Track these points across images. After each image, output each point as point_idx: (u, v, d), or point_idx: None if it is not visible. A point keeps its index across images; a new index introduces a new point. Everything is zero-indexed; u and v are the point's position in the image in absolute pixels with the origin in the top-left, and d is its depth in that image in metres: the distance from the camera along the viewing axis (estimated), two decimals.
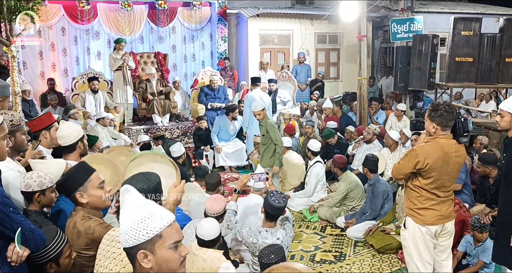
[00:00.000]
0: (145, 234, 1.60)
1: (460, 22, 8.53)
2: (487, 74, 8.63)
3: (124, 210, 1.67)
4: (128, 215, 1.63)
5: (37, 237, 2.38)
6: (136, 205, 1.66)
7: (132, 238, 1.60)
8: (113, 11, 11.10)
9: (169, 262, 1.65)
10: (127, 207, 1.66)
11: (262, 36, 12.29)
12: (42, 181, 2.78)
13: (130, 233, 1.60)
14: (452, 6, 13.66)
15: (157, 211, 1.65)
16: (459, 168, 3.54)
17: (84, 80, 9.80)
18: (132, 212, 1.63)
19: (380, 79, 13.05)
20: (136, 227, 1.60)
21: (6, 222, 2.26)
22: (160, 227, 1.62)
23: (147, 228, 1.60)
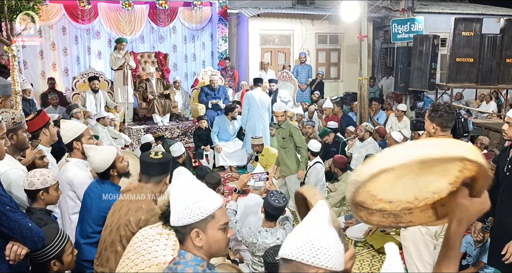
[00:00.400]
0: (200, 214, 1.70)
1: (460, 22, 8.53)
2: (487, 75, 8.63)
3: (177, 191, 1.75)
4: (183, 196, 1.72)
5: (35, 235, 2.37)
6: (189, 186, 1.75)
7: (186, 217, 1.70)
8: (113, 10, 11.11)
9: (218, 241, 1.76)
10: (180, 188, 1.75)
11: (262, 36, 12.29)
12: (46, 179, 2.80)
13: (185, 212, 1.69)
14: (453, 6, 13.65)
15: (210, 193, 1.77)
16: None
17: (85, 80, 9.80)
18: (187, 193, 1.72)
19: (381, 79, 13.05)
20: (191, 206, 1.69)
21: (3, 220, 2.26)
22: (213, 208, 1.73)
23: (202, 208, 1.70)
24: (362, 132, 7.44)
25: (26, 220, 2.38)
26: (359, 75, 9.73)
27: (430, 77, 8.96)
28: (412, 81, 9.27)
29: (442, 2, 14.53)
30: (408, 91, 9.64)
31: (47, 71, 10.89)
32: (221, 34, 12.08)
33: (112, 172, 3.08)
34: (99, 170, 3.07)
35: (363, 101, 9.70)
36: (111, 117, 8.58)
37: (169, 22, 11.67)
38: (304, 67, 11.97)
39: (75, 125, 3.56)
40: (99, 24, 11.19)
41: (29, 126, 3.69)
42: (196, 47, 12.27)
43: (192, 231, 1.72)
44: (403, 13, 10.00)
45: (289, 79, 11.41)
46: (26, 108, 7.90)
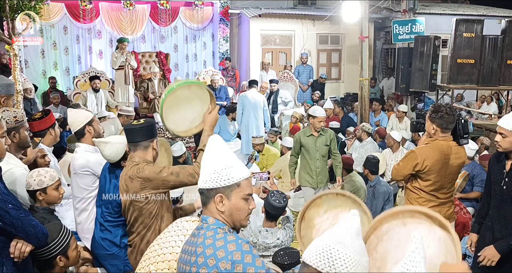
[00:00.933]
0: (227, 180, 1.75)
1: (462, 23, 8.53)
2: (488, 76, 8.62)
3: (209, 154, 1.81)
4: (213, 160, 1.78)
5: (38, 232, 2.39)
6: (220, 152, 1.80)
7: (214, 181, 1.75)
8: (115, 10, 11.12)
9: (240, 210, 1.81)
10: (212, 153, 1.81)
11: (263, 37, 12.30)
12: (42, 179, 2.79)
13: (213, 175, 1.75)
14: (454, 7, 13.66)
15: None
16: (459, 169, 3.53)
17: (86, 79, 9.81)
18: (217, 157, 1.78)
19: (382, 80, 13.05)
20: (220, 171, 1.75)
21: (6, 218, 2.27)
22: (240, 177, 1.78)
23: (229, 174, 1.76)
24: (360, 132, 7.45)
25: (29, 218, 2.39)
26: (360, 76, 9.72)
27: (431, 78, 8.97)
28: (413, 82, 9.28)
29: (443, 3, 14.55)
30: (409, 92, 9.65)
31: (48, 71, 10.91)
32: (222, 34, 12.09)
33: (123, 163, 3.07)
34: (112, 160, 3.08)
35: (364, 102, 9.69)
36: (112, 117, 8.58)
37: (171, 22, 11.68)
38: (305, 68, 11.97)
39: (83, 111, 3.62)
40: (101, 24, 11.21)
41: (37, 125, 3.72)
42: (197, 47, 12.28)
43: (217, 195, 1.76)
44: (404, 14, 10.01)
45: (290, 80, 11.42)
46: (28, 107, 7.92)
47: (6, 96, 3.40)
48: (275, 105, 9.98)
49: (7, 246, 2.36)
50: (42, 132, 3.75)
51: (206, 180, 1.77)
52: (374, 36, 12.76)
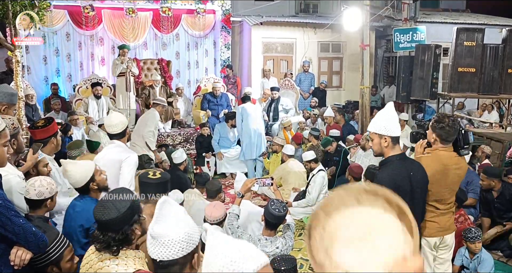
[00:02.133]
0: (198, 237, 1.74)
1: (462, 32, 8.55)
2: (489, 84, 8.63)
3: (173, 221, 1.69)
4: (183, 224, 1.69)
5: (39, 240, 2.39)
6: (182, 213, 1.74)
7: (191, 244, 1.70)
8: (117, 17, 11.18)
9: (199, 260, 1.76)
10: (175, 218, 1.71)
11: (265, 44, 12.34)
12: (52, 187, 2.85)
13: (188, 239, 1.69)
14: (455, 16, 13.71)
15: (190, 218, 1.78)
16: (459, 180, 3.52)
17: (88, 86, 9.84)
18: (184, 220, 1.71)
19: (383, 88, 13.07)
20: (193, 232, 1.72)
21: (8, 225, 2.27)
22: (200, 229, 1.84)
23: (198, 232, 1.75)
24: (364, 141, 7.42)
25: (30, 225, 2.39)
26: (361, 84, 9.74)
27: (432, 87, 8.97)
28: (414, 90, 9.28)
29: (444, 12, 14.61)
30: (410, 100, 9.64)
31: (50, 77, 10.95)
32: (224, 42, 12.14)
33: (92, 185, 3.06)
34: (78, 184, 3.06)
35: (365, 110, 9.70)
36: None
37: (173, 29, 11.73)
38: (307, 76, 12.00)
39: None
40: (103, 31, 11.26)
41: (39, 133, 3.73)
42: (199, 54, 12.32)
43: (195, 256, 1.73)
44: (405, 23, 10.02)
45: (291, 87, 11.45)
46: (29, 113, 7.94)
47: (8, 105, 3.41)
48: (276, 113, 10.00)
49: (6, 254, 2.36)
50: (45, 141, 3.76)
51: (182, 247, 1.68)
52: (375, 44, 12.78)
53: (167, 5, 11.32)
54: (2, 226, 2.26)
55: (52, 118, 4.01)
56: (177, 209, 1.73)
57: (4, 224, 2.26)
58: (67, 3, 10.63)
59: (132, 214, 2.21)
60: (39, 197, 2.78)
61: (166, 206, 1.71)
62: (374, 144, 3.11)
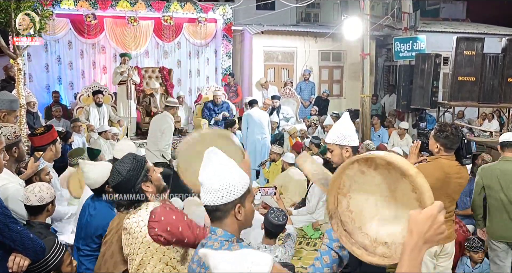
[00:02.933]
0: (241, 189, 1.76)
1: (462, 41, 8.60)
2: (489, 93, 8.65)
3: (216, 169, 1.76)
4: (222, 173, 1.75)
5: (37, 246, 2.39)
6: (227, 164, 1.78)
7: (231, 194, 1.74)
8: (119, 26, 11.25)
9: (252, 214, 1.87)
10: (219, 167, 1.77)
11: (266, 53, 12.39)
12: (51, 191, 2.85)
13: (229, 189, 1.73)
14: (455, 26, 13.76)
15: (241, 170, 1.82)
16: (461, 189, 3.51)
17: (89, 94, 9.87)
18: (225, 169, 1.76)
19: (383, 97, 13.10)
20: (234, 183, 1.74)
21: (6, 232, 2.27)
22: (248, 182, 1.81)
23: (243, 183, 1.77)
24: (363, 150, 7.43)
25: (27, 231, 2.39)
26: (361, 93, 9.77)
27: (432, 96, 9.00)
28: (414, 99, 9.31)
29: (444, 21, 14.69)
30: (410, 109, 9.67)
31: (52, 85, 11.00)
32: (225, 50, 12.19)
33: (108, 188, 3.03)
34: (95, 185, 3.04)
35: (365, 118, 9.72)
36: (113, 132, 8.61)
37: (174, 37, 11.80)
38: (307, 84, 12.03)
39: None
40: (105, 39, 11.34)
41: (38, 140, 3.74)
42: (201, 62, 12.38)
43: (236, 207, 1.76)
44: (405, 32, 10.08)
45: (291, 96, 11.48)
46: (30, 121, 7.95)
47: (7, 111, 3.41)
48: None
49: (4, 260, 2.36)
50: (43, 148, 3.76)
51: (222, 195, 1.74)
52: (376, 53, 12.82)
53: (168, 14, 11.39)
54: (0, 232, 2.26)
55: (51, 126, 4.02)
56: (223, 159, 1.80)
57: (2, 231, 2.26)
58: (70, 12, 10.71)
59: (135, 174, 2.28)
60: (41, 202, 2.78)
61: (212, 155, 1.80)
62: (334, 155, 3.06)
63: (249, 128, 8.26)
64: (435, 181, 3.30)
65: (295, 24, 14.11)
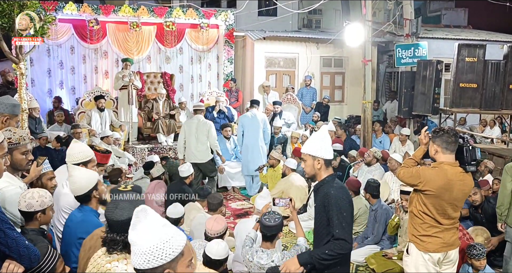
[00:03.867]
0: (172, 253, 1.64)
1: (464, 48, 8.61)
2: (491, 100, 8.66)
3: (143, 230, 1.65)
4: (151, 235, 1.63)
5: (31, 253, 2.38)
6: (156, 225, 1.66)
7: (158, 258, 1.62)
8: (121, 31, 11.29)
9: None
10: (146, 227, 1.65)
11: (268, 59, 12.42)
12: (44, 200, 2.78)
13: (155, 253, 1.62)
14: (456, 32, 13.80)
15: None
16: (464, 197, 3.47)
17: (91, 99, 9.89)
18: (155, 232, 1.64)
19: (385, 103, 13.10)
20: (162, 246, 1.63)
21: (2, 238, 2.26)
22: (182, 244, 1.68)
23: (173, 246, 1.64)
24: (370, 157, 7.37)
25: (23, 238, 2.38)
26: (363, 99, 9.78)
27: (434, 102, 8.99)
28: (416, 105, 9.31)
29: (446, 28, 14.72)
30: (411, 115, 9.66)
31: (54, 90, 11.03)
32: (227, 56, 12.22)
33: (94, 194, 3.03)
34: (81, 190, 3.00)
35: (367, 124, 9.72)
36: (115, 137, 8.63)
37: (176, 43, 11.83)
38: (308, 90, 12.04)
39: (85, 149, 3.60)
40: (107, 44, 11.38)
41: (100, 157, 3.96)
42: (202, 68, 12.41)
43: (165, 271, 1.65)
44: (407, 38, 10.08)
45: (293, 102, 11.49)
46: (32, 126, 7.97)
47: (9, 116, 3.41)
48: None
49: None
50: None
51: (148, 259, 1.62)
52: (378, 59, 12.85)
53: (171, 19, 11.43)
54: None
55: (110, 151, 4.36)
56: (153, 219, 1.68)
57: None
58: (72, 17, 10.75)
59: None
60: (29, 209, 2.75)
61: (141, 214, 1.68)
62: (306, 165, 3.09)
63: (244, 131, 8.23)
64: (437, 187, 3.29)
65: (297, 30, 14.15)
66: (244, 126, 8.20)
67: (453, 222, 3.47)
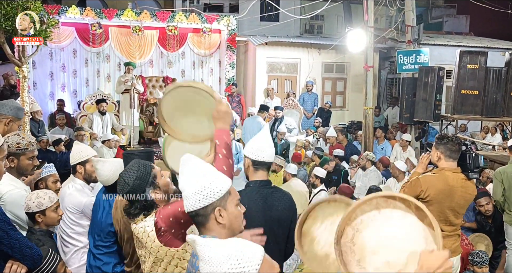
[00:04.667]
0: (219, 191, 1.73)
1: (466, 55, 8.62)
2: (492, 107, 8.66)
3: (189, 174, 1.77)
4: (196, 178, 1.75)
5: (34, 253, 2.39)
6: (200, 169, 1.78)
7: (208, 197, 1.72)
8: (124, 35, 11.33)
9: (237, 217, 1.81)
10: (191, 172, 1.77)
11: (270, 64, 12.44)
12: (41, 202, 2.79)
13: (204, 192, 1.72)
14: (458, 39, 13.82)
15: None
16: (466, 204, 3.45)
17: (93, 102, 9.91)
18: (200, 175, 1.75)
19: (386, 109, 13.10)
20: (210, 185, 1.73)
21: (5, 239, 2.27)
22: (228, 185, 1.78)
23: (220, 185, 1.74)
24: (364, 161, 7.42)
25: (26, 239, 2.40)
26: (365, 105, 9.78)
27: (435, 109, 8.99)
28: (417, 112, 9.30)
29: (447, 34, 14.75)
30: (413, 121, 9.66)
31: (56, 93, 11.05)
32: (229, 61, 12.25)
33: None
34: (108, 182, 3.04)
35: (368, 130, 9.72)
36: (116, 140, 8.63)
37: (178, 47, 11.87)
38: (310, 96, 12.05)
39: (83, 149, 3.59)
40: (109, 48, 11.41)
41: None
42: (204, 72, 12.43)
43: (216, 210, 1.73)
44: (409, 45, 10.09)
45: (294, 107, 11.49)
46: (34, 129, 7.98)
47: (12, 118, 3.42)
48: None
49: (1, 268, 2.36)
50: None
51: (199, 199, 1.72)
52: (379, 65, 12.87)
53: (173, 24, 11.47)
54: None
55: None
56: (196, 164, 1.79)
57: (1, 238, 2.26)
58: (75, 21, 10.79)
59: (142, 182, 2.23)
60: (27, 210, 2.77)
61: (186, 162, 1.81)
62: (244, 164, 2.94)
63: (246, 137, 8.35)
64: (438, 193, 3.28)
65: (299, 35, 14.18)
66: (246, 132, 8.26)
67: (455, 228, 3.46)
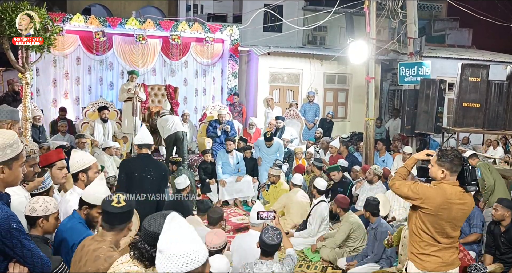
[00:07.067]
0: (203, 257, 1.73)
1: (467, 68, 8.64)
2: (494, 120, 8.65)
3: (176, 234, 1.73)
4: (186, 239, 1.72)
5: (44, 265, 2.39)
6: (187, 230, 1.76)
7: (195, 261, 1.70)
8: (128, 43, 11.41)
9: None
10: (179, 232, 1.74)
11: (272, 74, 12.48)
12: (47, 206, 2.81)
13: (193, 255, 1.70)
14: (460, 52, 13.87)
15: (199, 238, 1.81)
16: (464, 217, 3.45)
17: (95, 109, 9.94)
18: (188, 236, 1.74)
19: (388, 121, 13.10)
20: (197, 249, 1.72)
21: (18, 248, 2.27)
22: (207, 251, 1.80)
23: (204, 251, 1.75)
24: (371, 175, 7.34)
25: (38, 249, 2.39)
26: (366, 116, 9.78)
27: (437, 121, 8.99)
28: (419, 124, 9.30)
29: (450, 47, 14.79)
30: (414, 133, 9.65)
31: (58, 99, 11.10)
32: (231, 70, 12.30)
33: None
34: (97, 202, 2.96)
35: (369, 141, 9.69)
36: (116, 147, 8.64)
37: (181, 56, 11.94)
38: (311, 106, 12.06)
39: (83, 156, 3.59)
40: (113, 56, 11.49)
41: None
42: (207, 82, 12.49)
43: None
44: (411, 57, 10.13)
45: (296, 117, 11.50)
46: (36, 135, 8.00)
47: (12, 122, 3.43)
48: None
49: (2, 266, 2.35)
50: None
51: (187, 262, 1.68)
52: (381, 77, 12.90)
53: (176, 33, 11.55)
54: (12, 248, 2.25)
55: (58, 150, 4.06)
56: (184, 226, 1.77)
57: (15, 246, 2.25)
58: (79, 28, 10.89)
59: None
60: (31, 213, 2.78)
61: (174, 222, 1.77)
62: None
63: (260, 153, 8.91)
64: (435, 206, 3.27)
65: (301, 46, 14.27)
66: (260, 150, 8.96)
67: (452, 241, 3.43)
